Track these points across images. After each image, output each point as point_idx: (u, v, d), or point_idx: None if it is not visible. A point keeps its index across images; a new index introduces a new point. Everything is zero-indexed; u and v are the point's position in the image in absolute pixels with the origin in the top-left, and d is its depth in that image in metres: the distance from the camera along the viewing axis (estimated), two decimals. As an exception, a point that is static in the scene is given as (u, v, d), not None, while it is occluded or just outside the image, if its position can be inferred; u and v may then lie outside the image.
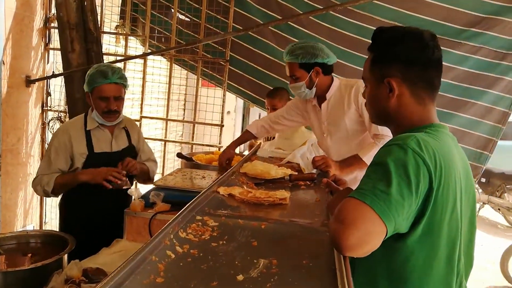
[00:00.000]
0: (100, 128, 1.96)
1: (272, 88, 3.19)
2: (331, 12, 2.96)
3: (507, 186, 5.35)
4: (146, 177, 2.10)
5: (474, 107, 2.86)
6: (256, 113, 8.03)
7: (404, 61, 1.04)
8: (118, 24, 3.52)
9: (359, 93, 1.97)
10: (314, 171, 1.87)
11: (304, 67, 2.02)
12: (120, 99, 1.92)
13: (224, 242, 1.06)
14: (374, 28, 1.13)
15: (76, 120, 2.01)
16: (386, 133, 1.89)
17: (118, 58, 3.35)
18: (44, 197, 2.28)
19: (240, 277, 0.86)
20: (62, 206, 2.02)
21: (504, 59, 2.76)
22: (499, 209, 4.69)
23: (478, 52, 2.80)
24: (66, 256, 1.40)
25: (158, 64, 4.18)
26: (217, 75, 3.46)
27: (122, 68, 3.44)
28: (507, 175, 5.46)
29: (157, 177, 2.10)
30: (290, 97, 3.07)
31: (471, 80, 2.83)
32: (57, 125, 3.31)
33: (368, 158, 1.98)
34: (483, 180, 5.46)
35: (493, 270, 4.28)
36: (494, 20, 2.73)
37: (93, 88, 1.88)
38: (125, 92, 1.97)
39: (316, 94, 2.11)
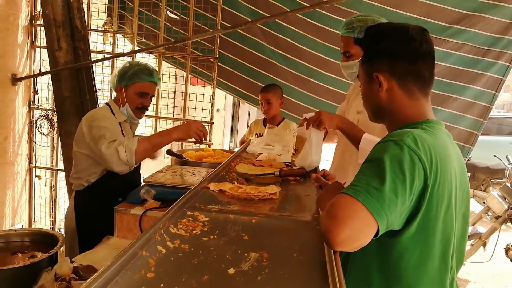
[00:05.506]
0: (127, 122, 2.05)
1: (262, 85, 3.20)
2: (318, 10, 2.98)
3: (491, 180, 5.46)
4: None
5: (457, 102, 2.93)
6: (246, 110, 8.03)
7: (390, 56, 1.05)
8: (106, 21, 3.49)
9: None
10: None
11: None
12: (151, 97, 2.07)
13: (215, 236, 1.06)
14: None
15: (105, 111, 2.00)
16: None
17: (106, 56, 3.31)
18: (73, 189, 1.97)
19: (231, 271, 0.87)
20: (78, 202, 1.97)
21: (486, 55, 2.82)
22: (484, 202, 4.79)
23: (461, 49, 2.86)
24: (56, 254, 1.39)
25: (147, 61, 4.15)
26: (206, 72, 3.46)
27: (110, 66, 3.41)
28: (492, 170, 5.56)
29: (147, 174, 2.09)
30: (284, 95, 3.09)
31: (454, 75, 2.89)
32: (45, 124, 3.26)
33: (365, 142, 1.72)
34: (468, 174, 5.53)
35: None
36: (477, 17, 2.78)
37: (133, 83, 1.96)
38: None
39: None
